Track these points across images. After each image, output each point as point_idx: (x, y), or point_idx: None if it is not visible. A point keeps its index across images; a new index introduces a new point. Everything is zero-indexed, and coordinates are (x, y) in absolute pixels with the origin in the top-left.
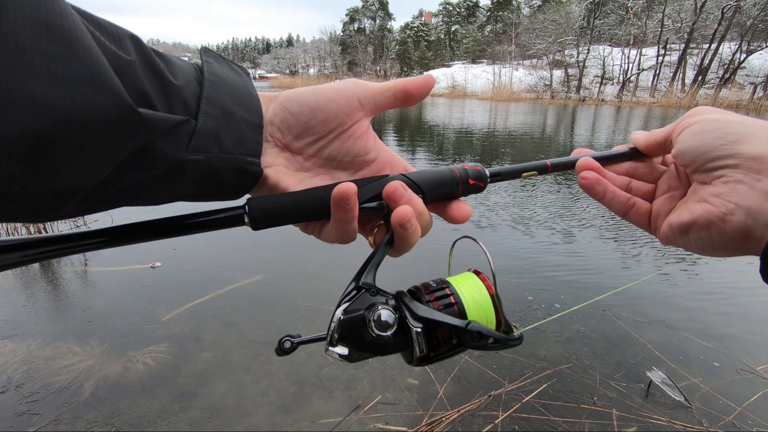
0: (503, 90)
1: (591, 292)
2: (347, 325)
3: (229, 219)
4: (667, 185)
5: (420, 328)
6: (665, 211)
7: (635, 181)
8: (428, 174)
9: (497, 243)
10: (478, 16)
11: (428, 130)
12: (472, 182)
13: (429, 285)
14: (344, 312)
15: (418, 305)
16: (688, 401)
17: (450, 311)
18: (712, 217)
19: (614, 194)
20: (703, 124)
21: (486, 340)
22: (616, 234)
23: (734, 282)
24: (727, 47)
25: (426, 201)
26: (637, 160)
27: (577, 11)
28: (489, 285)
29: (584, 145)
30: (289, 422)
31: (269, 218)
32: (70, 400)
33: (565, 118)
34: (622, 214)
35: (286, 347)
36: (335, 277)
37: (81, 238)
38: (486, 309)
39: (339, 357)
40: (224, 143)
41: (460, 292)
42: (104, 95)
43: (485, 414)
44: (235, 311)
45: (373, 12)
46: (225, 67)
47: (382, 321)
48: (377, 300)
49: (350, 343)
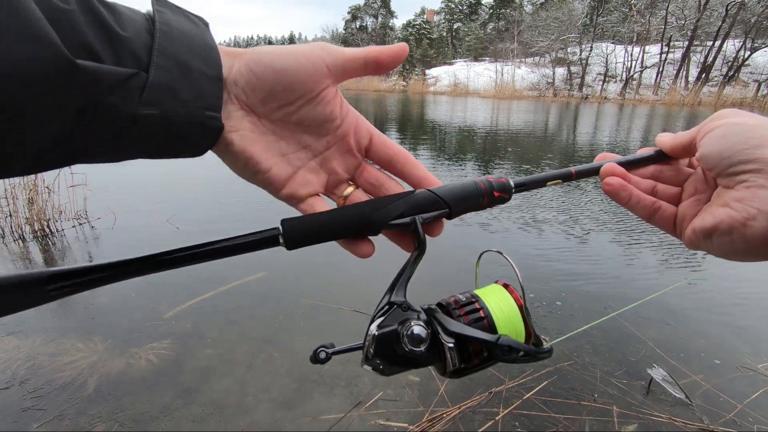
0: (505, 88)
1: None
2: (382, 341)
3: (265, 240)
4: (693, 188)
5: (452, 343)
6: (691, 215)
7: (661, 185)
8: (453, 188)
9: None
10: (481, 13)
11: (430, 128)
12: (497, 194)
13: (459, 299)
14: (378, 327)
15: (449, 320)
16: (689, 398)
17: (480, 325)
18: (734, 222)
19: (639, 198)
20: (726, 128)
21: (516, 354)
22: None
23: (736, 280)
24: (731, 44)
25: (452, 214)
26: (663, 162)
27: (580, 8)
28: (517, 297)
29: (587, 143)
30: (291, 418)
31: (303, 238)
32: (74, 396)
33: (567, 116)
34: (646, 218)
35: (321, 357)
36: (336, 274)
37: (126, 265)
38: (515, 322)
39: (374, 371)
40: (180, 96)
41: (489, 306)
42: (37, 47)
43: (486, 411)
44: (237, 308)
45: (375, 10)
46: (180, 16)
47: (415, 336)
48: (409, 315)
49: (384, 357)
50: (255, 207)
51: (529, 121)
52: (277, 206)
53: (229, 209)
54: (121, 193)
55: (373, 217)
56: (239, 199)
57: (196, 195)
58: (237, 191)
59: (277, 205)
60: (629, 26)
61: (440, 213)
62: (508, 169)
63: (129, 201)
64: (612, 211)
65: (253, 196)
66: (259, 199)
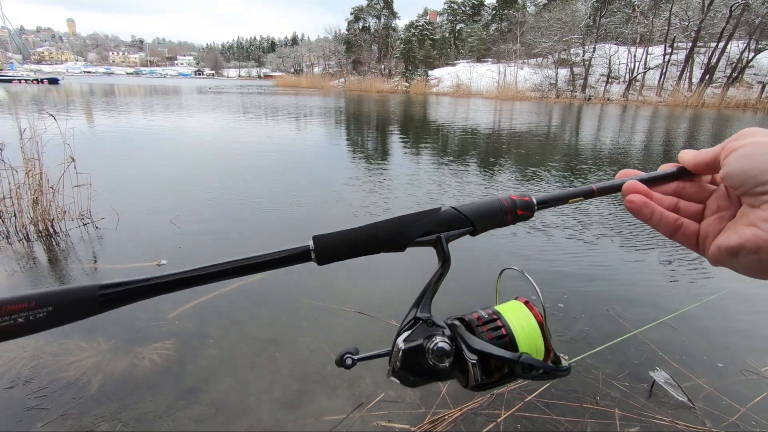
0: (508, 89)
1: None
2: (408, 354)
3: (297, 256)
4: (716, 205)
5: (475, 359)
6: (714, 232)
7: (683, 201)
8: (476, 206)
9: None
10: (483, 14)
11: (433, 129)
12: (521, 212)
13: (481, 316)
14: (405, 341)
15: (472, 337)
16: (692, 401)
17: (502, 342)
18: (761, 242)
19: (661, 215)
20: (752, 147)
21: (536, 371)
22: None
23: (738, 283)
24: (735, 46)
25: (475, 231)
26: (685, 179)
27: (583, 9)
28: (537, 314)
29: (590, 144)
30: (293, 419)
31: (333, 254)
32: (78, 395)
33: (570, 118)
34: (669, 234)
35: (348, 363)
36: (338, 276)
37: (169, 278)
38: (535, 339)
39: (400, 382)
40: None
41: (511, 324)
42: None
43: (487, 413)
44: (239, 309)
45: (377, 11)
46: None
47: (439, 351)
48: (434, 331)
49: (410, 369)
50: (256, 209)
51: (532, 123)
52: (278, 207)
53: (231, 211)
54: (125, 194)
55: (401, 234)
56: (241, 201)
57: (199, 196)
58: (238, 193)
59: (278, 206)
60: (632, 27)
61: (464, 230)
62: (512, 171)
63: (133, 202)
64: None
65: (254, 198)
66: (260, 201)
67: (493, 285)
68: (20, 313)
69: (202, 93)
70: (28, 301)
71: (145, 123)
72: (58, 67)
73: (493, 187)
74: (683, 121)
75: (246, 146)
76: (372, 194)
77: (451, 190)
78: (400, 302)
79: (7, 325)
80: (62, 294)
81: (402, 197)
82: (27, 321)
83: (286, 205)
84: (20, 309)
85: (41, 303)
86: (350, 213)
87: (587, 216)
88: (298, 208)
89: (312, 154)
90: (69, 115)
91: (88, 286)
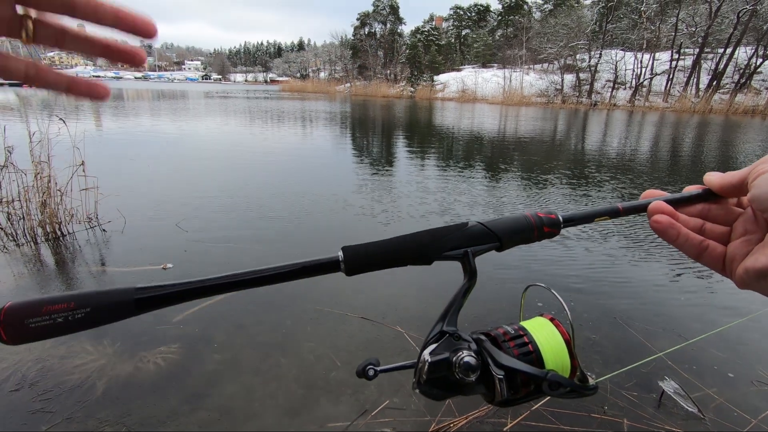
0: (514, 94)
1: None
2: (434, 367)
3: (326, 265)
4: (743, 228)
5: (502, 375)
6: (741, 255)
7: (708, 223)
8: (504, 222)
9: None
10: (489, 20)
11: (438, 134)
12: (547, 230)
13: (507, 331)
14: (431, 354)
15: (499, 353)
16: (702, 412)
17: (528, 359)
18: None
19: (687, 237)
20: None
21: (564, 389)
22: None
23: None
24: (743, 52)
25: (502, 247)
26: (711, 201)
27: (589, 15)
28: (564, 332)
29: (596, 150)
30: (297, 425)
31: (362, 265)
32: (83, 398)
33: (576, 123)
34: (694, 256)
35: (370, 374)
36: (343, 281)
37: (203, 284)
38: (561, 356)
39: (425, 396)
40: None
41: (538, 341)
42: None
43: (493, 421)
44: (244, 313)
45: (383, 16)
46: None
47: (466, 366)
48: (461, 345)
49: (435, 383)
50: (259, 212)
51: (537, 128)
52: (284, 215)
53: (237, 215)
54: (132, 197)
55: (429, 248)
56: (246, 206)
57: (205, 201)
58: (243, 196)
59: (284, 213)
60: (639, 33)
61: (491, 246)
62: (516, 175)
63: (139, 205)
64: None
65: (258, 202)
66: (266, 204)
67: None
68: (60, 313)
69: (209, 97)
70: (68, 302)
71: (152, 127)
72: (68, 72)
73: (506, 197)
74: (691, 127)
75: (252, 151)
76: (379, 202)
77: (463, 197)
78: (405, 308)
79: (48, 324)
80: (100, 296)
81: (415, 205)
82: (66, 321)
83: (292, 213)
84: (60, 309)
85: (80, 304)
86: (358, 221)
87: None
88: (305, 216)
89: (318, 160)
90: (78, 118)
91: (124, 289)
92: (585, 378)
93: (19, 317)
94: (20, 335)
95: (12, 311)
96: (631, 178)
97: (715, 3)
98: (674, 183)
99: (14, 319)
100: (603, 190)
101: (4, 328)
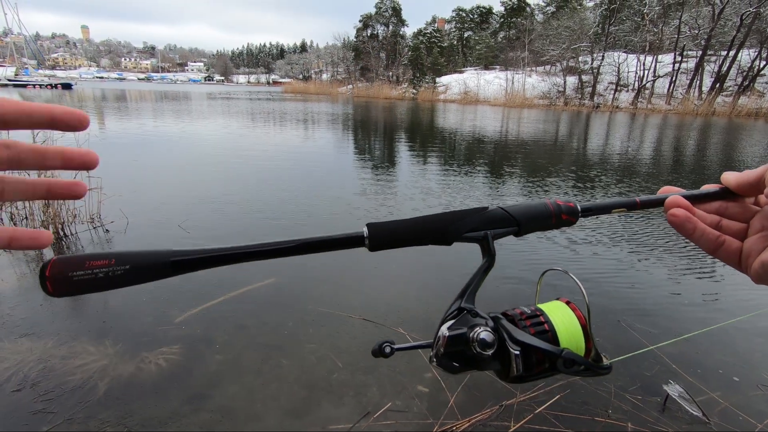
0: (516, 96)
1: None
2: (452, 342)
3: (351, 240)
4: (760, 225)
5: (518, 351)
6: (758, 250)
7: (725, 220)
8: (523, 207)
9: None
10: (491, 22)
11: (440, 135)
12: (565, 217)
13: (524, 311)
14: (449, 329)
15: (516, 329)
16: (706, 416)
17: (544, 338)
18: None
19: (703, 231)
20: None
21: (578, 367)
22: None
23: (754, 296)
24: (746, 54)
25: (520, 232)
26: (729, 200)
27: (592, 18)
28: (580, 315)
29: (599, 153)
30: (299, 427)
31: (384, 242)
32: (84, 399)
33: (578, 125)
34: (711, 251)
35: (386, 351)
36: (345, 282)
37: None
38: (577, 337)
39: (442, 369)
40: None
41: (554, 321)
42: None
43: (496, 424)
44: (246, 314)
45: (386, 18)
46: None
47: (483, 341)
48: (478, 321)
49: (452, 357)
50: (261, 213)
51: (540, 130)
52: (284, 212)
53: (238, 217)
54: (135, 198)
55: (449, 229)
56: (247, 205)
57: (207, 202)
58: (244, 197)
59: (284, 211)
60: (642, 35)
61: (510, 230)
62: (518, 176)
63: (142, 205)
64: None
65: (260, 203)
66: (268, 206)
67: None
68: (101, 268)
69: (212, 99)
70: (109, 259)
71: (155, 128)
72: (72, 73)
73: (510, 200)
74: (694, 129)
75: (255, 152)
76: (383, 206)
77: (468, 201)
78: (406, 309)
79: (90, 278)
80: (139, 255)
81: (420, 209)
82: (106, 276)
83: (294, 213)
84: (101, 265)
85: (120, 261)
86: (361, 224)
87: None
88: (307, 217)
89: (321, 161)
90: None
91: (162, 251)
92: (599, 358)
93: (64, 270)
94: (65, 288)
95: (58, 265)
96: (639, 182)
97: (718, 5)
98: (681, 186)
99: (60, 272)
100: (609, 194)
101: (50, 281)
